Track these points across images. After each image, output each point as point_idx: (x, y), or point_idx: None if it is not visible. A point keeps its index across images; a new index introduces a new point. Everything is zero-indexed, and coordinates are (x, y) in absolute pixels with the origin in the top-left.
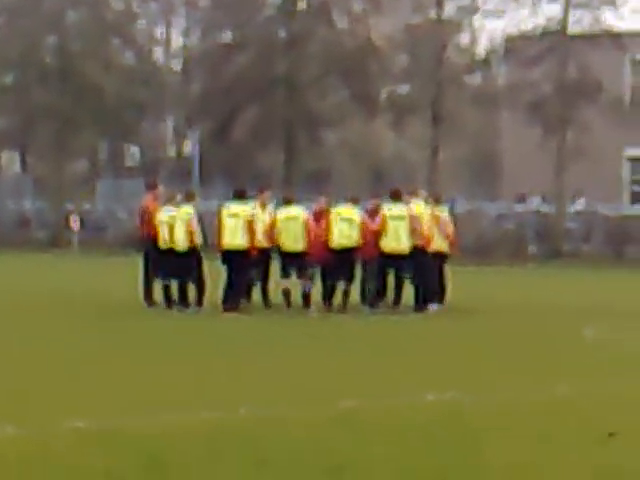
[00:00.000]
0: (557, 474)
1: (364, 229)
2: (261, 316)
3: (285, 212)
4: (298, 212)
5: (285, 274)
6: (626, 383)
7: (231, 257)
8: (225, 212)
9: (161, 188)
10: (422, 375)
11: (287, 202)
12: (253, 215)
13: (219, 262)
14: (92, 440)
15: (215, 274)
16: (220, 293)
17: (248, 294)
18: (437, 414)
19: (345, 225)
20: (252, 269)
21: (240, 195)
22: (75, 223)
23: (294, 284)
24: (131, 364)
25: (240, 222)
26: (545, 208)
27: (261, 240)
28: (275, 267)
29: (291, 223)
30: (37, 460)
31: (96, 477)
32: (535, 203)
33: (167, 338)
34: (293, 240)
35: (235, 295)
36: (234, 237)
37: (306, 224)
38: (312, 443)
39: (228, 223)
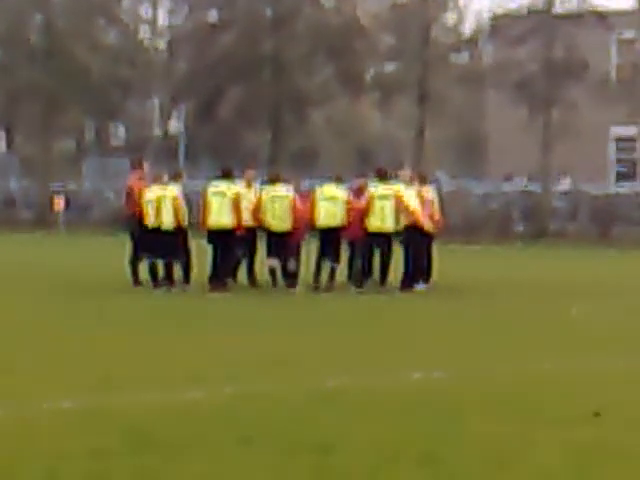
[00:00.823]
0: (542, 451)
1: (350, 208)
2: (247, 295)
3: (271, 191)
4: (284, 191)
5: (271, 253)
6: (611, 361)
7: (217, 236)
8: (210, 190)
9: (146, 167)
10: (408, 354)
11: (273, 181)
12: (239, 194)
13: (205, 241)
14: (76, 419)
15: (201, 253)
16: (207, 272)
17: (234, 273)
18: (423, 392)
19: (330, 204)
20: (238, 248)
21: (226, 174)
22: (59, 204)
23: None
24: (116, 342)
25: (226, 201)
26: (531, 187)
27: (247, 219)
28: (261, 246)
29: (277, 202)
30: (21, 440)
31: (81, 457)
32: (521, 182)
33: (153, 316)
34: (279, 219)
35: (221, 274)
36: (220, 216)
37: (292, 203)
38: (298, 421)
39: (214, 202)
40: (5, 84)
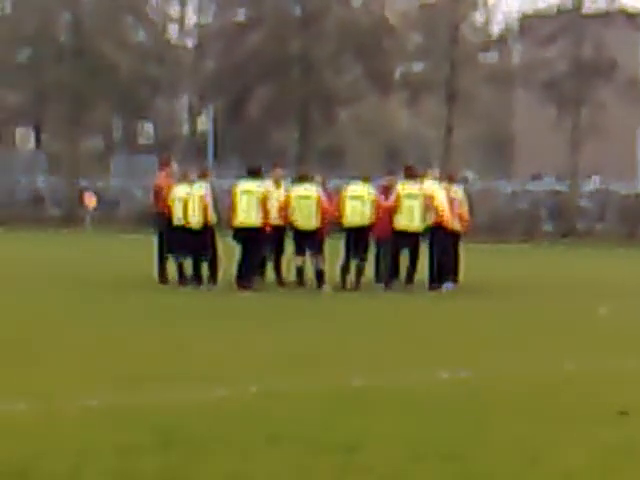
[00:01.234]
0: (568, 450)
1: (377, 207)
2: (274, 293)
3: (299, 190)
4: (311, 190)
5: (299, 251)
6: (637, 360)
7: (245, 234)
8: (239, 189)
9: (174, 165)
10: (435, 353)
11: (301, 179)
12: (267, 192)
13: (232, 240)
14: (102, 416)
15: (229, 252)
16: (234, 270)
17: (262, 272)
18: (450, 392)
19: (357, 203)
20: (265, 247)
21: (254, 172)
22: (90, 200)
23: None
24: (142, 340)
25: (254, 199)
26: (559, 186)
27: (275, 217)
28: (289, 245)
29: (303, 201)
30: (46, 436)
31: (107, 454)
32: (549, 182)
33: (179, 314)
34: (307, 218)
35: (249, 273)
36: (248, 214)
37: (319, 202)
38: (324, 420)
39: (242, 200)
40: (34, 82)
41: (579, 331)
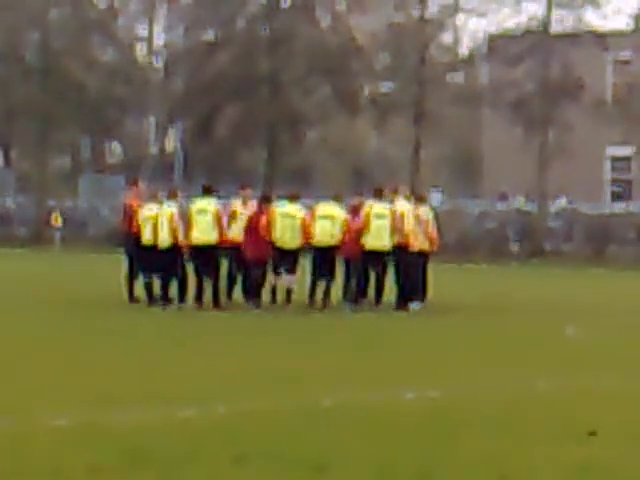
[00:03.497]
0: (537, 469)
1: (346, 227)
2: (242, 312)
3: (283, 208)
4: (296, 210)
5: (277, 271)
6: (605, 380)
7: (201, 253)
8: (194, 208)
9: (142, 185)
10: (403, 372)
11: (289, 199)
12: (219, 210)
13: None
14: (72, 436)
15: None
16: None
17: (229, 292)
18: (418, 411)
19: (327, 223)
20: (235, 266)
21: (207, 191)
22: (57, 221)
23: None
24: (111, 359)
25: (208, 218)
26: (527, 207)
27: (240, 236)
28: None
29: (288, 220)
30: (17, 456)
31: (77, 473)
32: (518, 202)
33: (148, 334)
34: (289, 237)
35: (215, 292)
36: (203, 233)
37: (303, 222)
38: (293, 439)
39: (197, 219)
40: (2, 101)
41: (547, 350)
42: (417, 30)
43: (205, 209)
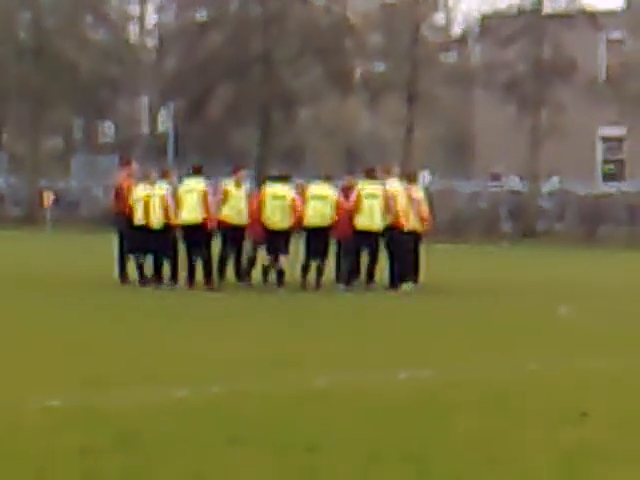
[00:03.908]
0: (528, 450)
1: (338, 207)
2: (234, 293)
3: (272, 189)
4: (285, 191)
5: (270, 251)
6: (597, 361)
7: (190, 232)
8: (182, 189)
9: (134, 165)
10: (395, 353)
11: (278, 179)
12: (205, 190)
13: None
14: (64, 418)
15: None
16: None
17: (221, 271)
18: (410, 392)
19: (319, 203)
20: (228, 247)
21: (197, 170)
22: (48, 200)
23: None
24: (103, 340)
25: (195, 196)
26: (519, 187)
27: (232, 217)
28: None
29: (278, 201)
30: (9, 439)
31: (69, 455)
32: (513, 183)
33: (140, 314)
34: (279, 218)
35: (207, 272)
36: (190, 212)
37: (293, 202)
38: (285, 421)
39: (186, 199)
40: None
41: (540, 331)
42: (409, 10)
43: (193, 188)
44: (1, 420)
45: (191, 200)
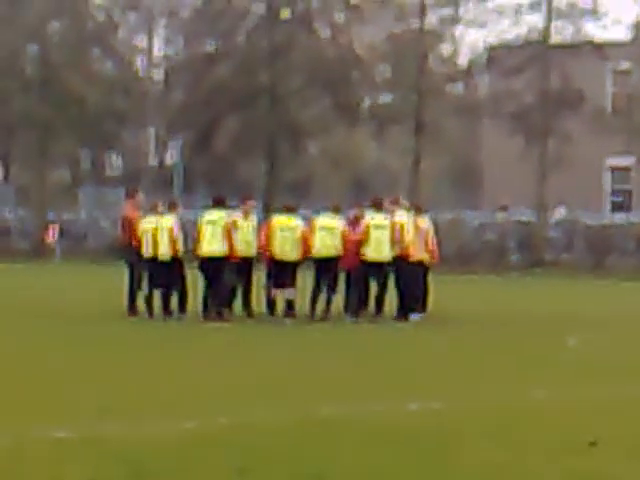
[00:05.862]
0: None
1: (346, 238)
2: (243, 325)
3: (280, 221)
4: (294, 222)
5: (277, 284)
6: (606, 391)
7: (209, 264)
8: (204, 220)
9: (141, 195)
10: (403, 383)
11: (286, 211)
12: (230, 222)
13: (198, 270)
14: (71, 449)
15: (196, 282)
16: (199, 303)
17: (230, 303)
18: (418, 422)
19: (327, 234)
20: (235, 277)
21: (218, 202)
22: (52, 234)
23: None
24: (111, 372)
25: (218, 229)
26: (526, 217)
27: (241, 248)
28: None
29: (286, 232)
30: (16, 470)
31: None
32: (516, 213)
33: (148, 346)
34: (289, 250)
35: (218, 303)
36: (211, 244)
37: (303, 234)
38: (292, 451)
39: (206, 230)
40: (1, 114)
41: (549, 361)
42: (416, 41)
43: (214, 221)
44: (8, 450)
45: (212, 232)
